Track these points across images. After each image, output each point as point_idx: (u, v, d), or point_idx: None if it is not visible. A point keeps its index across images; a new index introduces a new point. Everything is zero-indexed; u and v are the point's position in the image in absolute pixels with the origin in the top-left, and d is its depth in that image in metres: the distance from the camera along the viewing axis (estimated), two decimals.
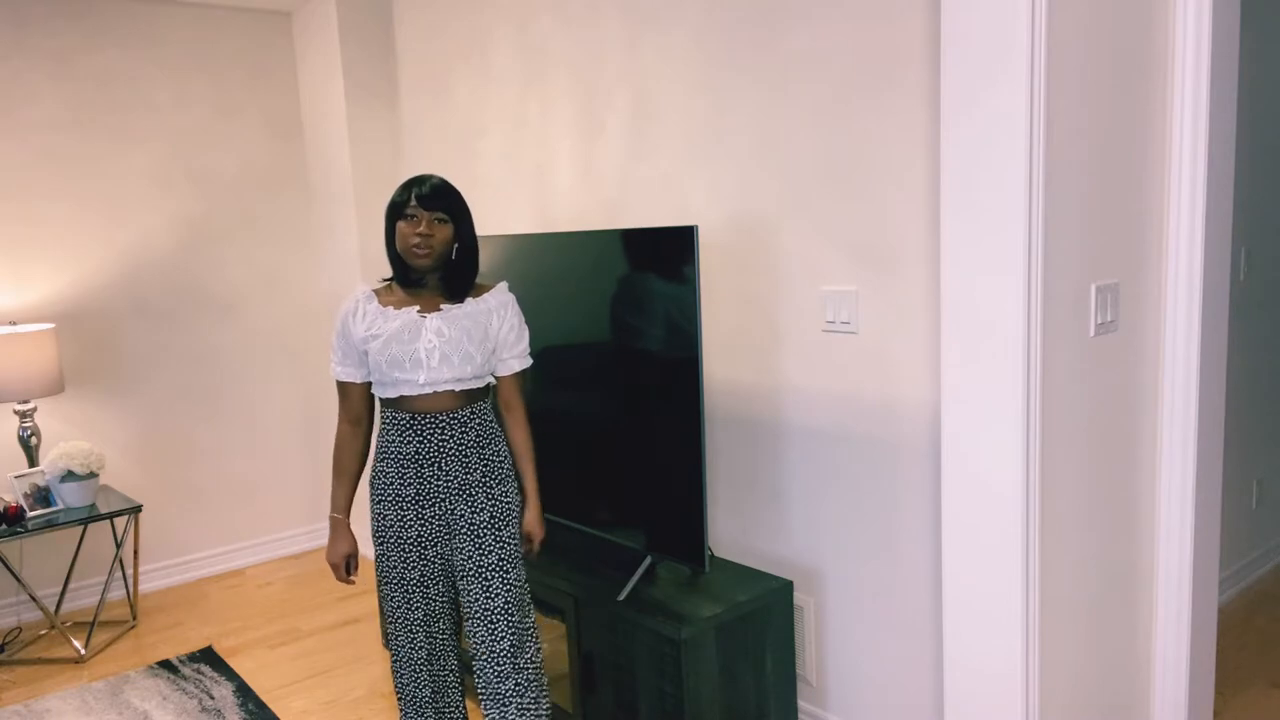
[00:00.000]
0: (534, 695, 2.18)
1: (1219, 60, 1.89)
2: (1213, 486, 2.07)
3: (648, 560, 2.44)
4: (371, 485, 2.16)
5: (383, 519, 2.14)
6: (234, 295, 4.14)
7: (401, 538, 2.12)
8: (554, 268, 2.56)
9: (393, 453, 2.11)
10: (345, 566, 2.18)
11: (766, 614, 2.34)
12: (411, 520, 2.12)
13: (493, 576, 2.14)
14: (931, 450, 2.15)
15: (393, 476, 2.11)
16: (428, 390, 2.07)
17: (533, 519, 2.24)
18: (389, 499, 2.12)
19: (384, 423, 2.14)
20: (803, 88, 2.30)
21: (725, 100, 2.50)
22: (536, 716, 2.19)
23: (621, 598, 2.34)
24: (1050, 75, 1.64)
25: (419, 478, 2.10)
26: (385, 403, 2.13)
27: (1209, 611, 2.13)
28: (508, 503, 2.17)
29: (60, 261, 3.71)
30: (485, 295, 2.16)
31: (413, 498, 2.11)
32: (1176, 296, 1.97)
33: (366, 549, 4.29)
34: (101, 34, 3.72)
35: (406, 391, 2.07)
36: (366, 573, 4.09)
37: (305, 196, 4.30)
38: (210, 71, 3.99)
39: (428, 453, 2.10)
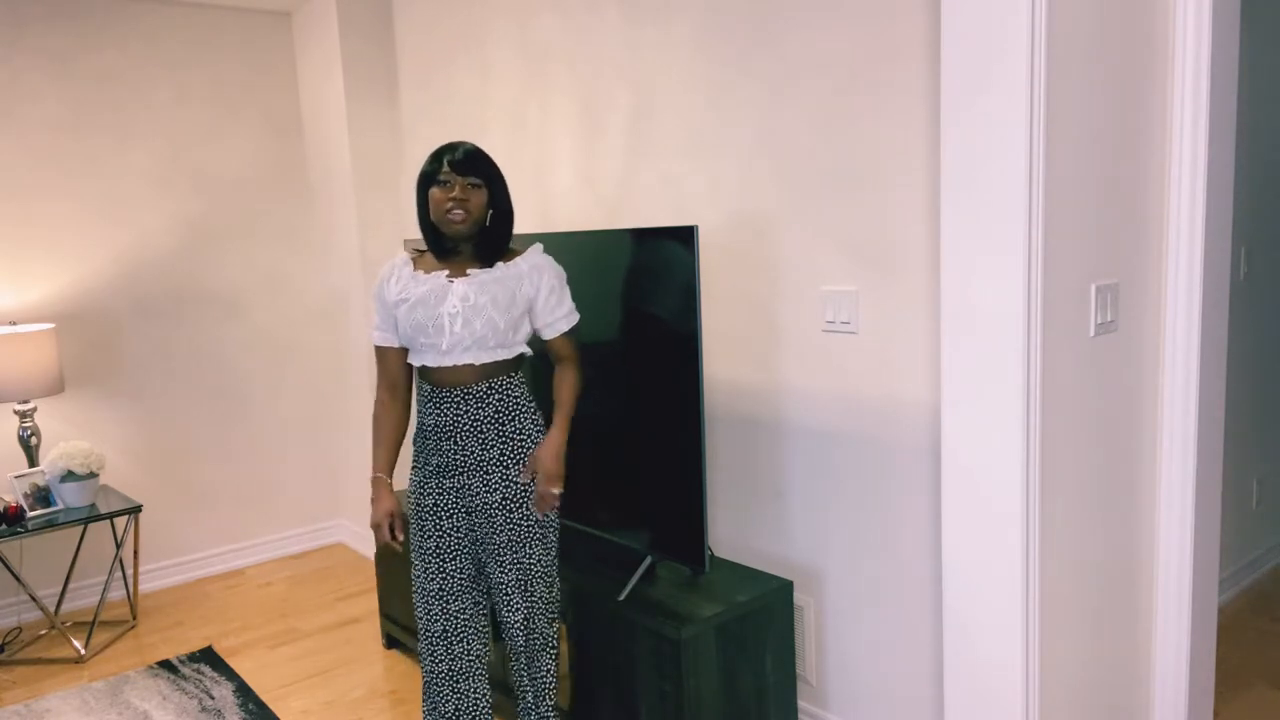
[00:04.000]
0: (547, 665, 2.24)
1: (1219, 60, 1.89)
2: (1213, 486, 2.07)
3: (648, 560, 2.44)
4: (413, 453, 2.23)
5: (412, 484, 2.20)
6: (234, 295, 4.14)
7: (421, 505, 2.15)
8: None
9: (422, 423, 2.17)
10: (390, 527, 2.14)
11: (766, 614, 2.34)
12: (431, 489, 2.15)
13: (504, 554, 2.16)
14: (931, 450, 2.15)
15: (420, 446, 2.17)
16: (448, 363, 2.08)
17: (547, 454, 2.13)
18: (419, 466, 2.18)
19: (418, 393, 2.18)
20: (803, 87, 2.30)
21: (725, 100, 2.50)
22: (546, 685, 2.25)
23: (621, 598, 2.34)
24: (1050, 74, 1.64)
25: (439, 450, 2.14)
26: (418, 373, 2.17)
27: (1209, 611, 2.13)
28: (521, 485, 2.15)
29: (60, 261, 3.71)
30: (517, 259, 2.13)
31: (435, 468, 2.15)
32: (1176, 296, 1.97)
33: (365, 546, 4.29)
34: (101, 34, 3.72)
35: (429, 361, 2.09)
36: (365, 571, 4.09)
37: (305, 196, 4.30)
38: (210, 70, 3.99)
39: (445, 427, 2.12)
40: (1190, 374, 1.97)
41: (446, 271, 2.10)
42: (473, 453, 2.11)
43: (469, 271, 2.09)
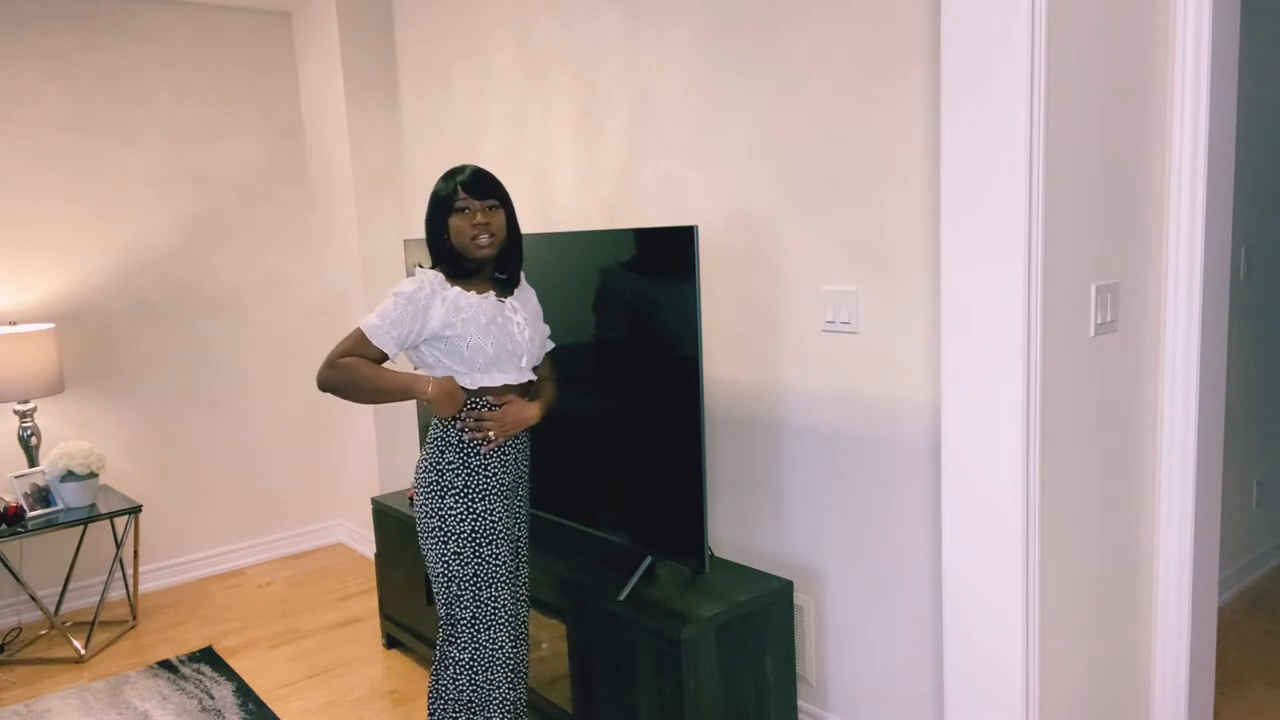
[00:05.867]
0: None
1: (1219, 60, 1.89)
2: (1213, 486, 2.07)
3: (648, 560, 2.43)
4: (466, 486, 2.07)
5: (490, 515, 2.07)
6: (234, 295, 4.14)
7: (509, 530, 2.14)
8: (554, 268, 2.56)
9: (501, 443, 2.11)
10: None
11: (766, 614, 2.34)
12: (512, 509, 2.16)
13: (526, 551, 2.30)
14: (931, 450, 2.15)
15: (496, 468, 2.09)
16: (525, 379, 2.13)
17: (532, 409, 2.14)
18: (492, 493, 2.08)
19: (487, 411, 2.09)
20: (803, 87, 2.30)
21: (725, 100, 2.50)
22: (527, 678, 2.35)
23: (621, 598, 2.34)
24: (1050, 73, 1.64)
25: (516, 463, 2.16)
26: (477, 393, 2.06)
27: (1209, 611, 2.13)
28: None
29: (60, 261, 3.71)
30: (524, 282, 2.24)
31: (510, 484, 2.15)
32: (1176, 296, 1.97)
33: (365, 546, 4.29)
34: (101, 34, 3.72)
35: (512, 379, 2.09)
36: (365, 571, 4.09)
37: (305, 196, 4.30)
38: (210, 71, 3.99)
39: (520, 440, 2.16)
40: (1190, 374, 1.97)
41: (493, 293, 2.10)
42: (528, 464, 2.24)
43: (515, 291, 2.17)
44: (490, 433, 2.07)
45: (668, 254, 2.23)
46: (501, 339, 2.06)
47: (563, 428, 2.62)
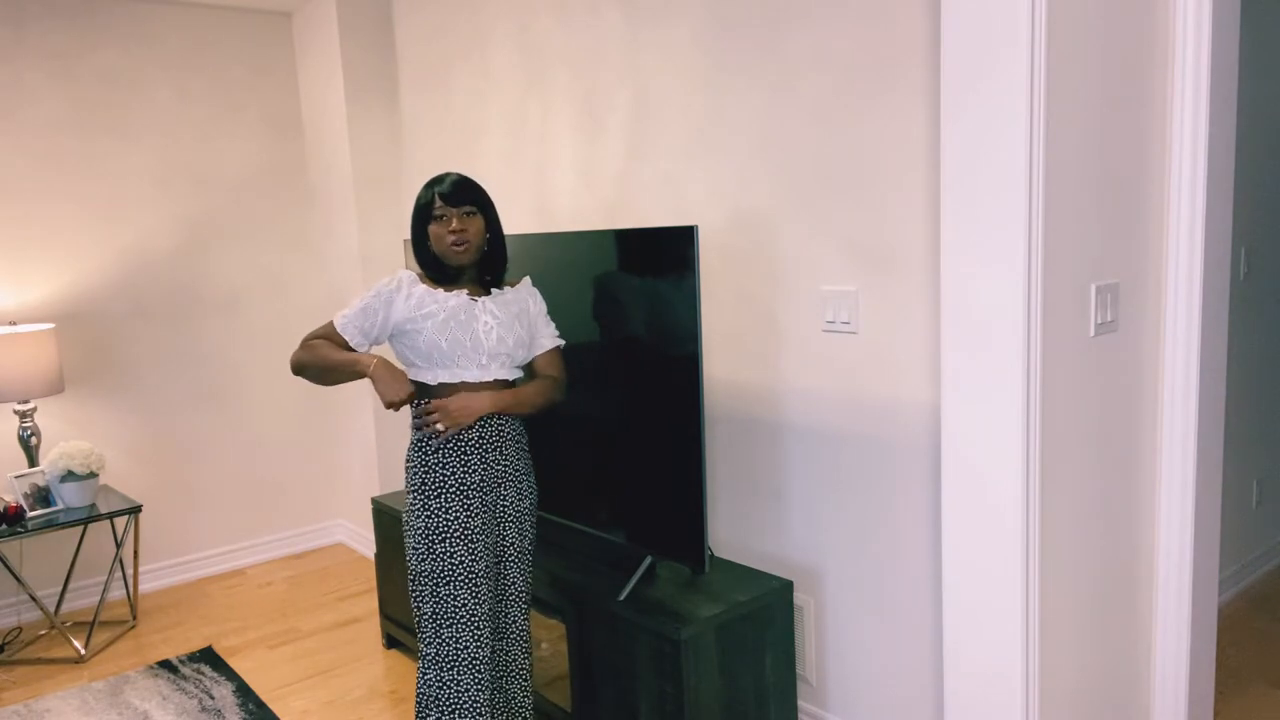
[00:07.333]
0: (530, 665, 2.35)
1: (1219, 60, 1.89)
2: (1213, 486, 2.07)
3: (648, 560, 2.44)
4: (423, 482, 2.11)
5: (445, 513, 2.10)
6: (234, 295, 4.14)
7: (469, 528, 2.11)
8: (554, 268, 2.56)
9: (451, 439, 2.11)
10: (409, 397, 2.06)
11: (766, 614, 2.34)
12: (476, 508, 2.13)
13: (525, 559, 2.26)
14: (932, 450, 2.15)
15: (455, 465, 2.11)
16: (487, 377, 2.11)
17: (470, 400, 2.09)
18: (451, 490, 2.10)
19: None
20: (803, 87, 2.30)
21: (725, 100, 2.50)
22: (529, 681, 2.34)
23: (621, 598, 2.34)
24: (1050, 72, 1.64)
25: (483, 463, 2.14)
26: (436, 389, 2.12)
27: (1209, 611, 2.13)
28: (534, 492, 2.30)
29: (60, 261, 3.71)
30: (518, 286, 2.25)
31: (476, 484, 2.13)
32: (1176, 296, 1.97)
33: (365, 546, 4.29)
34: (101, 34, 3.72)
35: (470, 376, 2.10)
36: (365, 571, 4.09)
37: (305, 196, 4.30)
38: (210, 71, 3.99)
39: (489, 437, 2.14)
40: (1190, 374, 1.98)
41: (465, 291, 2.13)
42: (511, 462, 2.19)
43: (492, 291, 2.17)
44: (438, 425, 2.08)
45: (668, 254, 2.23)
46: (459, 336, 2.08)
47: (562, 428, 2.62)
